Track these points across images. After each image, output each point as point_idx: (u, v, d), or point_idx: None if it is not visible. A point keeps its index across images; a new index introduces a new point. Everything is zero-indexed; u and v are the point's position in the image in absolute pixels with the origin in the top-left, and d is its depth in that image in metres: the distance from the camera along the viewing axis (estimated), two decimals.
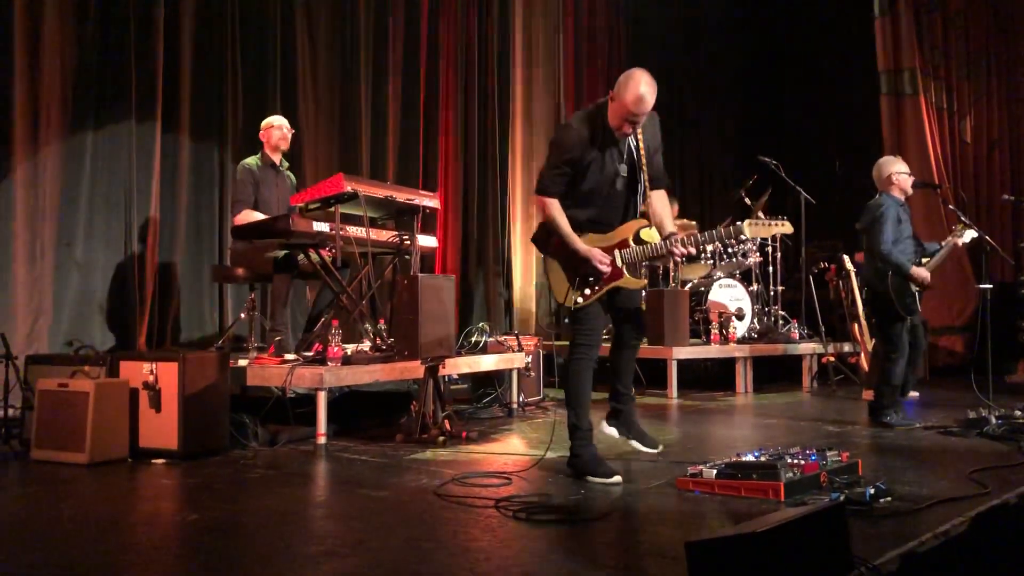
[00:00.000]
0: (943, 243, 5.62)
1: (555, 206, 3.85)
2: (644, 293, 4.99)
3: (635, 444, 4.11)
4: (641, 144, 3.92)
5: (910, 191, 5.55)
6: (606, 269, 3.84)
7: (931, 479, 3.71)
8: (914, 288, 5.33)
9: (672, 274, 8.10)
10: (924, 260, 5.44)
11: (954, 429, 5.06)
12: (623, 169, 3.90)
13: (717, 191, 11.05)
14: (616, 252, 3.88)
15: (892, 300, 5.29)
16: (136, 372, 4.30)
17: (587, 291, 3.89)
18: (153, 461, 4.16)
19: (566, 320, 4.03)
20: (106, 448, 4.11)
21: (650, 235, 3.97)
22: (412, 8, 7.76)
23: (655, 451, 4.12)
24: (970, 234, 5.60)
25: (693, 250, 3.84)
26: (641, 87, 3.70)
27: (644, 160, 3.93)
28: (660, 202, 3.96)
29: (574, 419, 3.89)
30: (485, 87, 8.42)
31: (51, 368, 4.43)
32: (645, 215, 4.02)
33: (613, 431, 4.16)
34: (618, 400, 4.14)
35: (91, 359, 4.40)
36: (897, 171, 5.52)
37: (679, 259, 3.88)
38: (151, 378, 4.26)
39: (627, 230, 3.92)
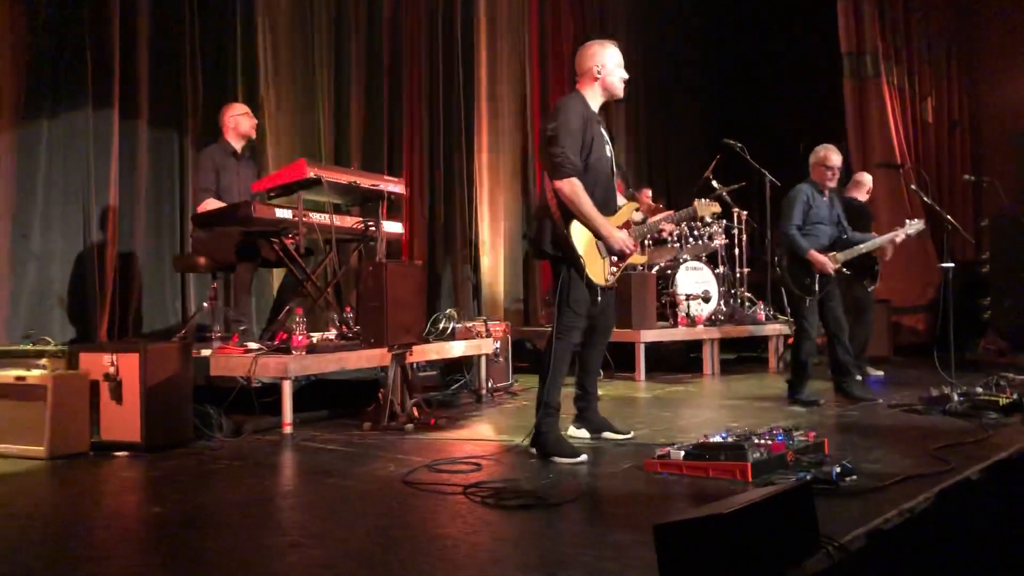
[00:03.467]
0: (884, 235, 5.81)
1: (581, 186, 3.90)
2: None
3: (610, 435, 4.25)
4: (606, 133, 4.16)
5: (826, 184, 5.70)
6: (633, 247, 4.08)
7: (895, 457, 3.75)
8: (820, 271, 5.47)
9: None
10: (830, 247, 5.58)
11: (917, 407, 5.13)
12: (608, 150, 4.13)
13: (684, 174, 11.08)
14: (624, 231, 4.10)
15: (788, 281, 5.54)
16: (97, 364, 4.21)
17: (613, 269, 4.09)
18: (115, 454, 4.09)
19: (558, 301, 4.03)
20: (66, 442, 4.03)
21: (637, 216, 4.32)
22: None
23: (628, 435, 4.24)
24: (916, 226, 5.84)
25: (674, 226, 4.14)
26: (611, 44, 4.11)
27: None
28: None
29: (546, 395, 3.93)
30: (450, 71, 8.35)
31: (8, 361, 4.33)
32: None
33: (583, 432, 4.29)
34: (584, 401, 4.30)
35: (49, 352, 4.31)
36: (817, 161, 5.74)
37: (667, 235, 4.25)
38: (112, 370, 4.18)
39: (625, 212, 4.20)
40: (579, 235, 3.94)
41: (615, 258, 4.08)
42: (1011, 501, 3.67)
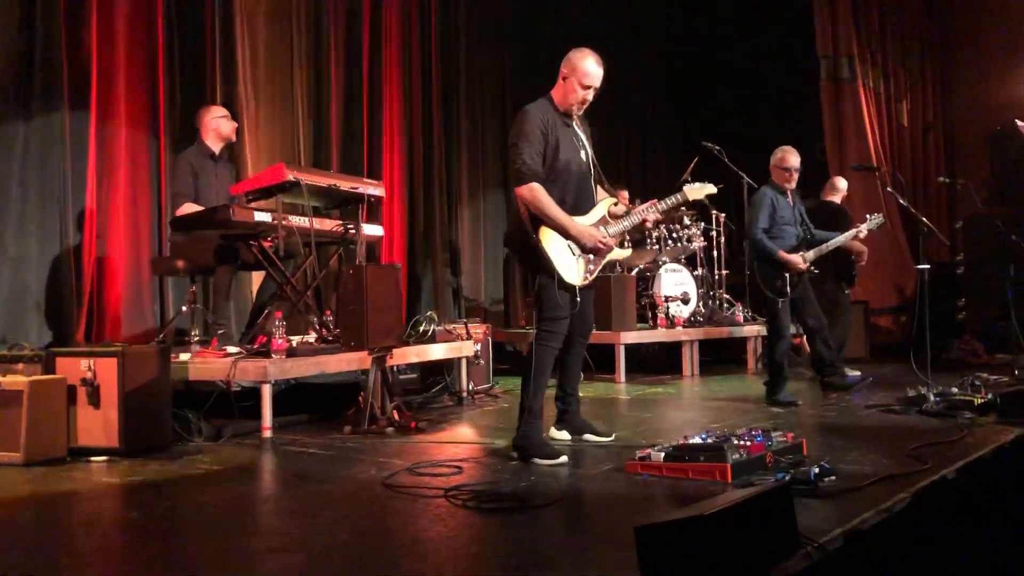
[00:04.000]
0: (847, 232, 5.90)
1: (542, 190, 3.89)
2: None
3: (591, 438, 4.26)
4: (585, 136, 4.16)
5: (787, 186, 5.78)
6: (610, 242, 4.06)
7: (873, 457, 3.78)
8: (792, 271, 5.55)
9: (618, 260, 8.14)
10: (797, 247, 5.65)
11: (894, 407, 5.18)
12: (583, 154, 4.12)
13: (663, 177, 11.12)
14: (601, 228, 4.09)
15: (759, 284, 5.60)
16: (74, 368, 4.18)
17: (591, 267, 4.05)
18: (93, 459, 4.05)
19: (537, 307, 4.05)
20: (43, 447, 3.98)
21: (618, 210, 4.26)
22: None
23: (610, 438, 4.27)
24: (877, 221, 5.94)
25: (659, 216, 4.23)
26: (594, 58, 4.04)
27: (592, 149, 4.17)
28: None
29: (529, 400, 3.93)
30: (429, 73, 8.35)
31: None
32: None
33: (564, 434, 4.29)
34: (565, 403, 4.31)
35: (26, 356, 4.27)
36: (776, 163, 5.82)
37: (650, 226, 4.31)
38: (89, 374, 4.14)
39: (602, 208, 4.18)
40: (549, 239, 3.93)
41: (591, 256, 4.06)
42: (987, 500, 3.72)
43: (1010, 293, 7.77)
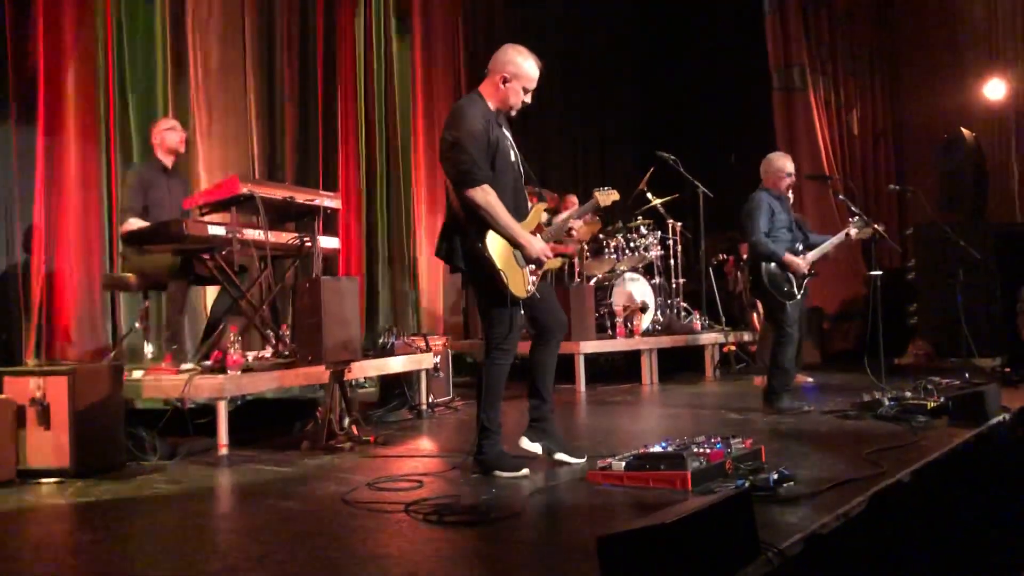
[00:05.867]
0: (838, 234, 5.80)
1: (493, 193, 3.68)
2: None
3: (562, 457, 3.98)
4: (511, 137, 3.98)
5: (782, 190, 5.74)
6: (550, 254, 3.88)
7: (830, 462, 3.82)
8: (793, 275, 5.52)
9: (577, 270, 8.18)
10: (799, 247, 5.61)
11: (850, 412, 5.23)
12: (515, 156, 3.95)
13: (618, 186, 11.16)
14: (538, 236, 3.92)
15: (768, 288, 5.50)
16: (22, 388, 4.06)
17: (533, 278, 3.88)
18: (43, 481, 3.95)
19: (483, 321, 3.88)
20: None
21: (545, 217, 4.10)
22: None
23: (583, 460, 3.94)
24: (863, 231, 5.80)
25: (580, 223, 4.15)
26: (535, 59, 3.87)
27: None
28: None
29: (487, 421, 3.83)
30: (384, 87, 8.32)
31: None
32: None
33: (536, 447, 4.00)
34: (539, 411, 4.02)
35: None
36: (776, 169, 5.75)
37: (575, 234, 4.25)
38: (39, 394, 4.04)
39: (536, 214, 3.99)
40: (495, 247, 3.72)
41: (532, 266, 3.87)
42: (941, 501, 3.77)
43: (960, 298, 7.92)
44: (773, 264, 5.50)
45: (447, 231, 3.86)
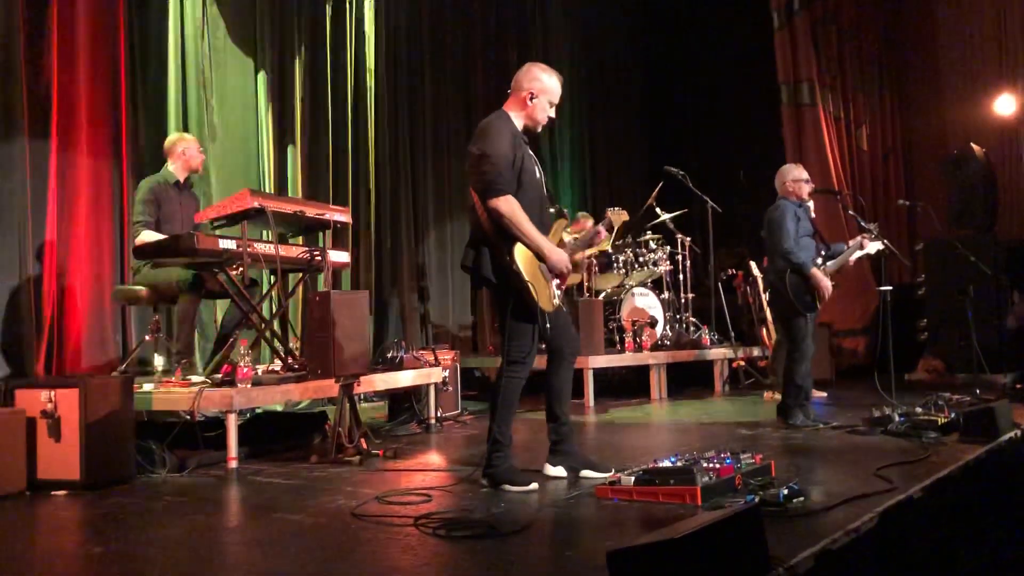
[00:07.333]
0: (849, 244, 5.77)
1: (515, 203, 3.70)
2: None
3: (588, 474, 3.94)
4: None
5: (805, 197, 5.71)
6: (571, 267, 3.90)
7: (840, 477, 3.81)
8: (820, 292, 5.45)
9: (586, 285, 8.18)
10: (820, 262, 5.53)
11: (860, 428, 5.21)
12: (539, 173, 3.99)
13: (628, 202, 11.19)
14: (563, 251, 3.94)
15: (791, 298, 5.42)
16: (34, 401, 4.09)
17: (558, 292, 3.91)
18: (53, 493, 3.97)
19: (505, 334, 3.85)
20: (2, 481, 3.89)
21: (567, 232, 4.20)
22: (316, 7, 7.67)
23: (609, 474, 3.78)
24: (876, 246, 5.76)
25: (607, 231, 4.14)
26: (557, 75, 3.99)
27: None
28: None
29: (499, 434, 3.83)
30: (394, 101, 8.37)
31: None
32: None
33: (559, 470, 3.98)
34: (559, 433, 4.01)
35: None
36: (794, 178, 5.70)
37: (600, 241, 4.20)
38: (50, 406, 4.06)
39: (558, 229, 4.05)
40: (523, 259, 3.74)
41: (557, 280, 3.90)
42: (952, 518, 3.75)
43: (970, 314, 7.90)
44: (796, 275, 5.41)
45: (474, 243, 3.87)
